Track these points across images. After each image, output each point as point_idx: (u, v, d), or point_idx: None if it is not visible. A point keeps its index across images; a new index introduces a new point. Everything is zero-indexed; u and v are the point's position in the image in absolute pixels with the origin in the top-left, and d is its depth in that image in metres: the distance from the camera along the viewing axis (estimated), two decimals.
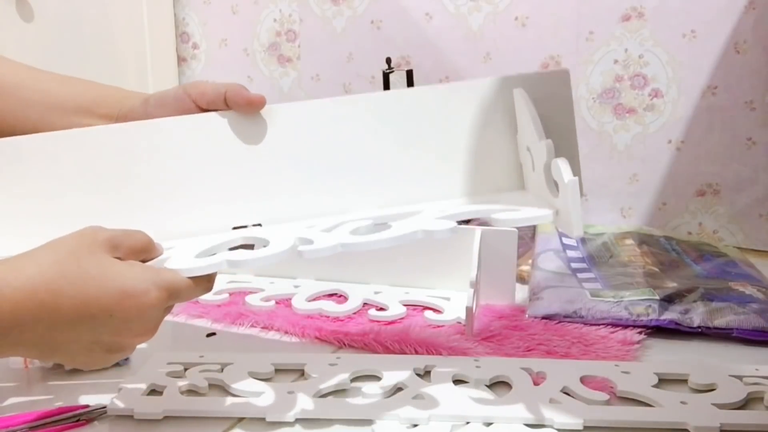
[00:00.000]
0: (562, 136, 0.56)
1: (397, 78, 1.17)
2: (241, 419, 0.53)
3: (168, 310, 0.48)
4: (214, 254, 0.50)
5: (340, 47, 1.26)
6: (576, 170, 0.58)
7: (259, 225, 0.57)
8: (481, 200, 0.58)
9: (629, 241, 0.95)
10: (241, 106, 0.57)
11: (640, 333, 0.69)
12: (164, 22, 1.35)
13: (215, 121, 0.58)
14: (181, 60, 1.41)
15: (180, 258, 0.49)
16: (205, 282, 0.48)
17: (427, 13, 1.17)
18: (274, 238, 0.51)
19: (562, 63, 1.10)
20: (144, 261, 0.48)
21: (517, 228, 0.77)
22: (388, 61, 1.12)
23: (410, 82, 1.12)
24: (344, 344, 0.68)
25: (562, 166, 0.49)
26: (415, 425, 0.52)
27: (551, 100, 0.57)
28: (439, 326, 0.71)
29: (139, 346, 0.52)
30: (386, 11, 1.20)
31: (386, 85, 1.13)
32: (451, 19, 1.16)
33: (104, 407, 0.53)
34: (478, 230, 0.74)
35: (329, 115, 0.59)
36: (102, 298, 0.43)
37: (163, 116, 0.58)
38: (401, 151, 0.59)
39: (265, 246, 0.50)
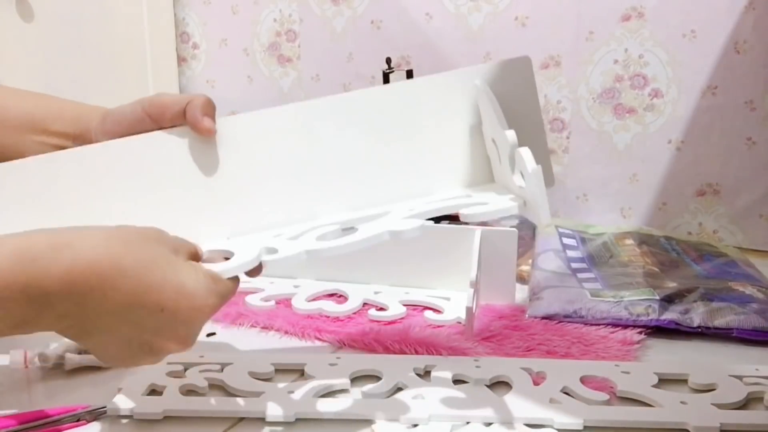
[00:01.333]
0: (528, 124, 0.55)
1: (397, 78, 1.17)
2: (241, 419, 0.53)
3: (208, 319, 0.46)
4: None
5: (340, 47, 1.26)
6: (544, 157, 0.57)
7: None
8: (452, 196, 0.57)
9: (629, 241, 0.95)
10: (191, 128, 0.55)
11: (640, 333, 0.69)
12: (164, 22, 1.35)
13: (175, 138, 0.56)
14: (181, 60, 1.41)
15: None
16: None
17: (427, 13, 1.17)
18: (240, 249, 0.50)
19: (562, 63, 1.10)
20: None
21: (517, 227, 0.77)
22: (388, 61, 1.12)
23: None
24: (344, 344, 0.68)
25: (525, 155, 0.47)
26: (415, 425, 0.52)
27: (515, 89, 0.56)
28: (439, 326, 0.71)
29: None
30: (386, 11, 1.20)
31: None
32: (451, 19, 1.16)
33: (104, 407, 0.53)
34: (478, 230, 0.74)
35: (291, 122, 0.57)
36: (160, 291, 0.41)
37: (122, 135, 0.56)
38: (368, 152, 0.58)
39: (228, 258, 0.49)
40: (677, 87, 1.03)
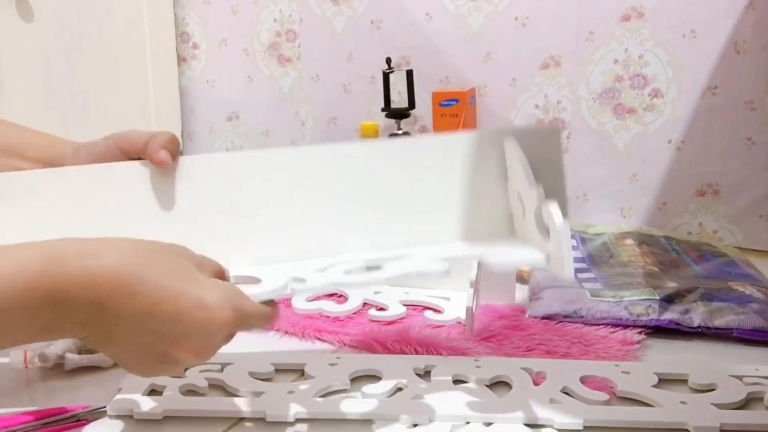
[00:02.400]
0: (551, 189, 0.56)
1: (397, 78, 1.17)
2: (241, 419, 0.53)
3: (231, 337, 0.47)
4: None
5: (340, 47, 1.26)
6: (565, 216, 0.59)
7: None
8: (472, 245, 0.58)
9: (629, 241, 0.95)
10: (149, 159, 0.56)
11: (640, 333, 0.69)
12: (164, 22, 1.35)
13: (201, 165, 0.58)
14: (181, 60, 1.41)
15: None
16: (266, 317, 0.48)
17: (427, 13, 1.17)
18: (268, 276, 0.51)
19: (562, 63, 1.10)
20: None
21: None
22: (388, 61, 1.12)
23: (410, 82, 1.12)
24: (344, 344, 0.68)
25: (553, 211, 0.49)
26: (415, 425, 0.52)
27: (542, 154, 0.58)
28: (439, 326, 0.71)
29: None
30: (386, 11, 1.20)
31: (386, 85, 1.13)
32: (451, 19, 1.16)
33: (104, 407, 0.53)
34: None
35: (320, 161, 0.59)
36: (178, 301, 0.41)
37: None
38: (393, 198, 0.59)
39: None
40: (677, 87, 1.03)
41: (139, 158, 0.57)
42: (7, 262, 0.39)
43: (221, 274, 0.48)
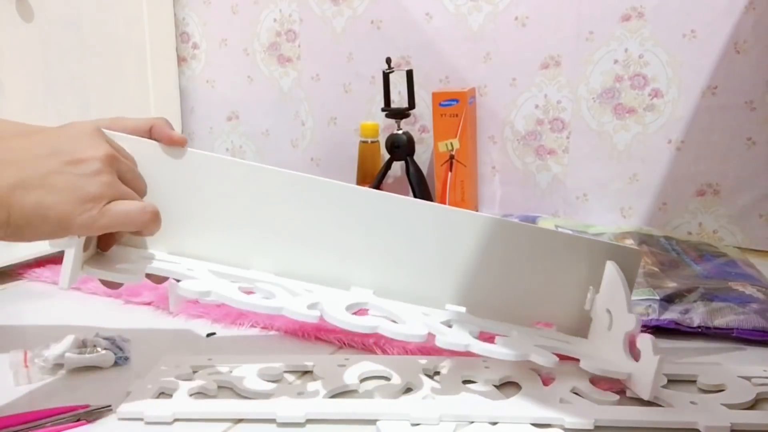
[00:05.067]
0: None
1: (397, 78, 1.17)
2: (251, 420, 0.53)
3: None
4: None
5: (340, 47, 1.25)
6: None
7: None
8: (551, 336, 0.63)
9: (629, 241, 0.95)
10: (165, 142, 0.60)
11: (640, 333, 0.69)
12: (164, 22, 1.34)
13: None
14: (181, 60, 1.40)
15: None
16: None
17: (427, 13, 1.17)
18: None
19: (562, 63, 1.10)
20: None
21: None
22: (388, 61, 1.12)
23: (410, 82, 1.12)
24: (344, 344, 0.67)
25: (651, 344, 0.54)
26: (425, 425, 0.52)
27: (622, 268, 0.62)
28: None
29: (141, 350, 0.54)
30: (386, 11, 1.20)
31: (386, 85, 1.13)
32: (451, 19, 1.16)
33: (105, 407, 0.53)
34: None
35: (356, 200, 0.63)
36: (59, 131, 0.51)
37: None
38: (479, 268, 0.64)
39: None
40: (677, 87, 1.03)
41: None
42: None
43: None
